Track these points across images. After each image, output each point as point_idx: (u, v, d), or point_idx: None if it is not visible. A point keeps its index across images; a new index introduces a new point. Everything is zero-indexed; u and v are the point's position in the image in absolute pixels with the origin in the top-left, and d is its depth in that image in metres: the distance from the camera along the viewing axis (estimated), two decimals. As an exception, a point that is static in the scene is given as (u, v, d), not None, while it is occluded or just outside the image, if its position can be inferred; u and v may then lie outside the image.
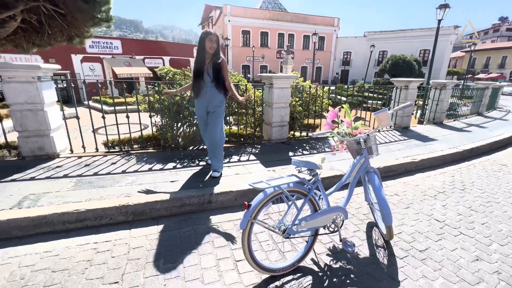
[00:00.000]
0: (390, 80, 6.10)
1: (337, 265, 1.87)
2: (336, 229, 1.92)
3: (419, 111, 6.98)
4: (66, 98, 16.12)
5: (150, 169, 3.07)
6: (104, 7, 5.72)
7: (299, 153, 3.94)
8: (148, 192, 2.53)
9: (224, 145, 4.13)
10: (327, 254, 1.98)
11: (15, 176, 2.71)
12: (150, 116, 3.60)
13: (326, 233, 1.94)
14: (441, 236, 2.23)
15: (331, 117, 2.28)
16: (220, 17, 31.91)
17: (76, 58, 18.06)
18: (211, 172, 2.99)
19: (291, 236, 1.73)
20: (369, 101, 11.94)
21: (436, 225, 2.40)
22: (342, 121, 2.30)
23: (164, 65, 22.82)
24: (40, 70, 2.89)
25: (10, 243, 1.96)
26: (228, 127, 4.34)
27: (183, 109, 3.66)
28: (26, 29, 5.52)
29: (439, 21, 8.61)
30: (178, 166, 3.22)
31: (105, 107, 4.07)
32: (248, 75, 31.69)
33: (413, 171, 3.73)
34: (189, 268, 1.79)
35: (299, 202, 1.78)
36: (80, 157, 3.33)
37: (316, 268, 1.84)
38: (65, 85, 15.55)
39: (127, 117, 3.52)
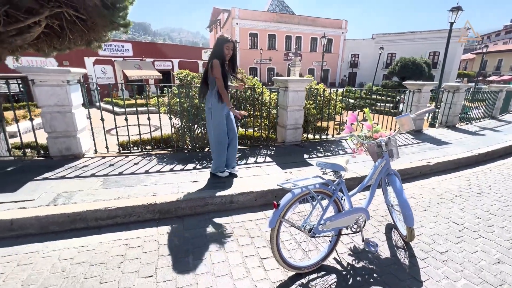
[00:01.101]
0: (403, 83, 6.11)
1: (360, 265, 1.92)
2: (358, 229, 1.98)
3: (431, 114, 6.95)
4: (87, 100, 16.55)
5: (171, 170, 3.18)
6: (122, 12, 5.92)
7: (313, 156, 4.00)
8: (173, 191, 2.63)
9: (240, 147, 4.24)
10: (349, 254, 2.04)
11: (46, 175, 2.85)
12: (170, 118, 3.72)
13: (348, 233, 2.00)
14: (461, 239, 2.26)
15: (350, 120, 2.34)
16: (228, 20, 32.23)
17: (88, 61, 18.51)
18: (231, 170, 3.13)
19: (317, 235, 1.79)
20: (378, 104, 11.91)
21: (455, 228, 2.43)
22: (362, 124, 2.36)
23: (173, 67, 23.16)
24: (70, 74, 3.04)
25: (48, 238, 2.08)
26: (243, 129, 4.43)
27: (201, 111, 3.77)
28: (48, 34, 5.73)
29: (451, 24, 8.55)
30: (198, 167, 3.32)
31: (116, 109, 4.13)
32: (256, 77, 31.82)
33: (428, 174, 3.74)
34: (217, 264, 1.87)
35: (324, 203, 1.84)
36: (103, 157, 3.47)
37: (339, 267, 1.90)
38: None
39: (149, 119, 3.65)
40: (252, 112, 4.26)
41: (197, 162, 3.48)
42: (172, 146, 3.96)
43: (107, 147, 3.59)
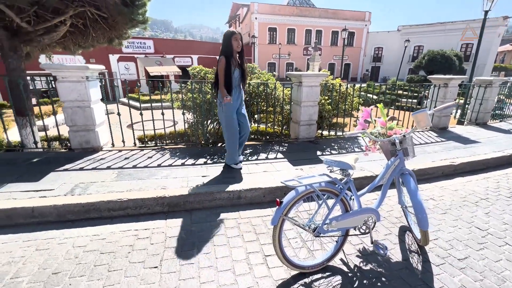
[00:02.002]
0: (427, 77, 5.74)
1: (368, 267, 1.84)
2: (367, 230, 1.89)
3: (459, 111, 6.48)
4: (104, 95, 17.38)
5: (183, 164, 3.24)
6: (141, 9, 6.07)
7: (327, 153, 3.89)
8: (182, 185, 2.68)
9: (252, 142, 4.22)
10: (357, 256, 1.96)
11: (66, 166, 3.01)
12: (183, 113, 3.77)
13: (356, 234, 1.92)
14: (483, 246, 2.09)
15: (364, 116, 2.23)
16: (247, 15, 32.09)
17: (113, 58, 19.33)
18: (238, 165, 3.16)
19: (321, 235, 1.74)
20: (402, 100, 11.33)
21: (477, 234, 2.25)
22: (375, 120, 2.24)
23: (192, 63, 23.56)
24: (88, 71, 3.18)
25: (65, 225, 2.20)
26: (256, 125, 4.40)
27: (213, 106, 3.79)
28: (73, 32, 6.04)
29: (486, 12, 7.86)
30: (209, 161, 3.35)
31: (137, 104, 4.23)
32: (274, 72, 31.54)
33: (451, 175, 3.50)
34: (221, 259, 1.88)
35: (330, 202, 1.78)
36: (120, 150, 3.61)
37: (345, 269, 1.83)
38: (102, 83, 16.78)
39: (162, 114, 3.74)
40: (265, 108, 4.21)
41: (208, 157, 3.51)
42: (186, 141, 4.03)
43: (123, 141, 3.73)
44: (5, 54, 4.56)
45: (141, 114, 3.72)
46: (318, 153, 3.87)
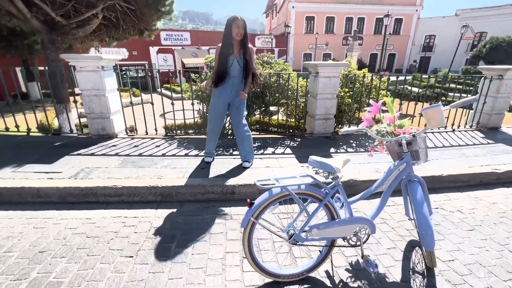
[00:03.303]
0: (477, 68, 4.90)
1: (355, 284, 1.61)
2: (358, 243, 1.65)
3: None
4: (144, 85, 18.54)
5: (186, 154, 3.24)
6: (168, 0, 6.19)
7: (341, 150, 3.56)
8: (178, 176, 2.67)
9: (263, 136, 4.06)
10: (346, 269, 1.73)
11: (81, 151, 3.22)
12: (192, 104, 3.76)
13: (344, 246, 1.68)
14: (514, 276, 1.69)
15: (373, 111, 1.94)
16: (284, 4, 31.15)
17: (153, 50, 20.43)
18: (241, 162, 2.96)
19: (299, 243, 1.55)
20: (451, 94, 9.98)
21: (510, 260, 1.83)
22: (383, 117, 1.93)
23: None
24: (102, 61, 3.32)
25: (64, 207, 2.34)
26: (267, 117, 4.22)
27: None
28: (107, 26, 6.43)
29: None
30: (212, 153, 3.30)
31: (173, 94, 4.32)
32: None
33: (492, 184, 2.94)
34: (196, 256, 1.81)
35: (313, 207, 1.58)
36: (133, 138, 3.76)
37: (328, 283, 1.62)
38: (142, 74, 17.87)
39: (172, 104, 3.77)
40: (277, 100, 4.00)
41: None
42: (197, 132, 4.04)
43: (135, 129, 3.87)
44: (45, 47, 5.04)
45: (172, 104, 3.73)
46: (332, 150, 3.56)
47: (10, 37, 10.49)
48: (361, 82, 4.06)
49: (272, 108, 4.45)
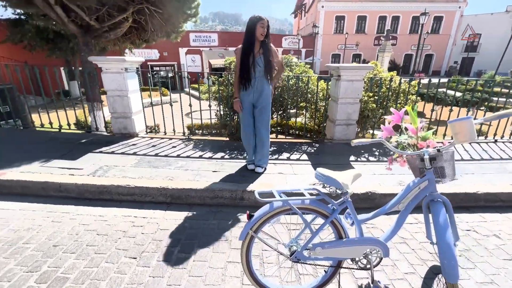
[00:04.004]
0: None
1: (363, 312, 1.46)
2: (368, 266, 1.49)
3: None
4: (173, 85, 19.33)
5: (200, 156, 3.25)
6: (194, 3, 6.32)
7: (362, 159, 3.34)
8: (189, 178, 2.67)
9: (280, 139, 3.96)
10: (355, 293, 1.58)
11: (103, 149, 3.38)
12: (209, 106, 3.78)
13: (352, 268, 1.54)
14: (560, 322, 1.42)
15: (394, 120, 1.76)
16: (313, 4, 30.51)
17: (182, 51, 21.17)
18: (254, 167, 2.90)
19: (301, 261, 1.44)
20: (495, 99, 8.99)
21: (556, 301, 1.55)
22: (406, 128, 1.74)
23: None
24: (126, 63, 3.45)
25: (82, 203, 2.45)
26: (285, 120, 4.10)
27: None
28: (137, 28, 6.75)
29: None
30: (226, 156, 3.28)
31: (195, 94, 4.33)
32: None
33: (540, 207, 2.56)
34: (197, 263, 1.78)
35: (320, 222, 1.46)
36: (152, 138, 3.87)
37: (332, 307, 1.50)
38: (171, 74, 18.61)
39: (190, 105, 3.83)
40: (295, 104, 3.87)
41: (228, 151, 3.44)
42: (215, 134, 4.05)
43: (155, 130, 3.98)
44: (80, 49, 5.41)
45: (190, 105, 3.81)
46: (352, 158, 3.36)
47: (55, 39, 11.51)
48: (388, 86, 3.78)
49: (291, 111, 4.33)
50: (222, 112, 3.90)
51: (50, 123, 4.01)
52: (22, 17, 11.72)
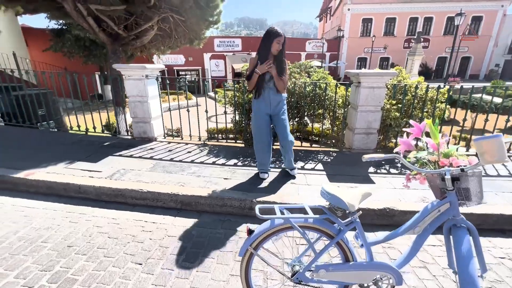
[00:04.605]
0: None
1: None
2: (378, 294, 1.37)
3: None
4: (196, 89, 19.89)
5: (213, 163, 3.26)
6: (215, 11, 6.46)
7: (383, 171, 3.14)
8: (200, 185, 2.69)
9: (296, 147, 3.85)
10: (363, 321, 1.45)
11: (122, 152, 3.53)
12: (225, 112, 3.80)
13: (360, 295, 1.42)
14: None
15: (414, 133, 1.63)
16: (339, 7, 29.89)
17: (206, 56, 21.77)
18: (290, 172, 2.94)
19: (302, 282, 1.36)
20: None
21: None
22: (426, 143, 1.59)
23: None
24: (146, 70, 3.59)
25: (98, 205, 2.56)
26: (301, 126, 4.00)
27: (256, 106, 3.65)
28: (162, 36, 7.04)
29: None
30: (239, 163, 3.26)
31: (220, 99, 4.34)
32: (363, 69, 28.44)
33: None
34: (200, 273, 1.76)
35: (322, 244, 1.37)
36: (169, 142, 3.97)
37: (337, 335, 1.39)
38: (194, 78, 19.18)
39: (206, 111, 3.87)
40: (312, 111, 3.76)
41: (241, 158, 3.42)
42: (231, 138, 4.06)
43: (176, 133, 4.08)
44: (109, 56, 5.75)
45: (206, 111, 3.85)
46: (371, 170, 3.17)
47: (91, 47, 12.42)
48: (414, 93, 3.53)
49: (307, 119, 4.22)
50: (237, 118, 3.90)
51: (78, 126, 4.28)
52: (64, 27, 12.81)
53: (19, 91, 4.63)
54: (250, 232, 1.35)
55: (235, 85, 3.72)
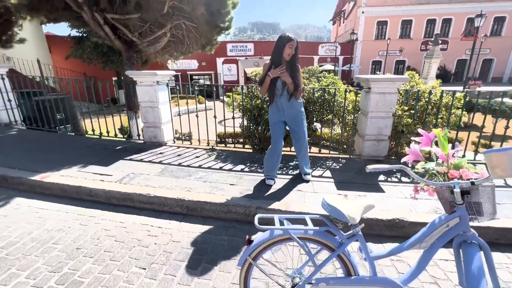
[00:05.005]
0: None
1: None
2: (381, 311, 1.31)
3: None
4: (210, 93, 20.17)
5: (220, 168, 3.28)
6: (227, 17, 6.56)
7: (393, 179, 3.04)
8: (206, 191, 2.70)
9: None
10: None
11: (133, 156, 3.62)
12: (233, 118, 3.82)
13: (363, 311, 1.36)
14: None
15: (423, 143, 1.58)
16: (353, 10, 29.54)
17: (219, 61, 22.08)
18: (303, 176, 2.96)
19: (302, 296, 1.33)
20: None
21: None
22: (435, 153, 1.52)
23: (288, 64, 23.92)
24: (157, 76, 3.68)
25: (108, 208, 2.63)
26: (309, 131, 3.96)
27: (264, 112, 3.65)
28: (175, 42, 7.21)
29: None
30: (246, 169, 3.26)
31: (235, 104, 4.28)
32: (378, 72, 27.87)
33: None
34: (202, 281, 1.76)
35: (323, 256, 1.34)
36: (178, 147, 4.04)
37: None
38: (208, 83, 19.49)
39: (215, 117, 3.91)
40: (321, 117, 3.72)
41: (248, 164, 3.41)
42: (239, 142, 4.08)
43: (186, 137, 4.16)
44: (124, 62, 5.96)
45: (214, 117, 3.90)
46: (381, 178, 3.07)
47: (108, 53, 12.92)
48: (427, 99, 3.41)
49: (317, 125, 4.17)
50: (245, 123, 3.92)
51: (93, 130, 4.44)
52: (84, 34, 13.43)
53: (39, 96, 4.87)
54: (249, 242, 1.34)
55: (243, 91, 3.73)
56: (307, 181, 2.91)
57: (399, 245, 1.35)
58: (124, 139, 4.45)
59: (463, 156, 3.57)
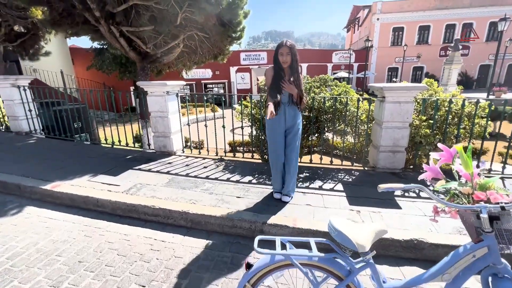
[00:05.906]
0: None
1: None
2: None
3: None
4: (222, 101, 20.44)
5: (228, 179, 3.20)
6: (238, 27, 6.62)
7: (411, 194, 2.83)
8: (211, 204, 2.63)
9: (314, 164, 3.67)
10: None
11: (142, 166, 3.63)
12: (242, 127, 3.76)
13: None
14: None
15: (443, 159, 1.44)
16: (367, 17, 29.22)
17: (232, 70, 22.39)
18: (281, 196, 2.71)
19: (306, 330, 1.20)
20: None
21: None
22: (457, 172, 1.37)
23: (301, 71, 23.88)
24: (167, 87, 3.72)
25: (113, 219, 2.61)
26: (321, 141, 3.82)
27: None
28: (188, 52, 7.35)
29: None
30: (254, 181, 3.16)
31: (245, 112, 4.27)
32: (394, 79, 27.17)
33: None
34: (201, 302, 1.67)
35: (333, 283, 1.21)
36: (187, 157, 4.02)
37: None
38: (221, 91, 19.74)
39: (223, 127, 3.86)
40: (333, 127, 3.58)
41: (256, 175, 3.32)
42: (248, 151, 4.01)
43: (190, 148, 4.14)
44: (138, 73, 6.12)
45: (223, 127, 3.86)
46: (398, 192, 2.87)
47: (126, 64, 13.43)
48: (447, 108, 3.20)
49: (328, 135, 4.03)
50: (254, 133, 3.85)
51: (106, 139, 4.53)
52: (103, 46, 14.07)
53: (57, 106, 5.06)
54: (248, 266, 1.24)
55: (252, 100, 3.68)
56: (285, 202, 2.63)
57: (418, 276, 1.20)
58: (135, 148, 4.49)
59: (489, 169, 3.29)
